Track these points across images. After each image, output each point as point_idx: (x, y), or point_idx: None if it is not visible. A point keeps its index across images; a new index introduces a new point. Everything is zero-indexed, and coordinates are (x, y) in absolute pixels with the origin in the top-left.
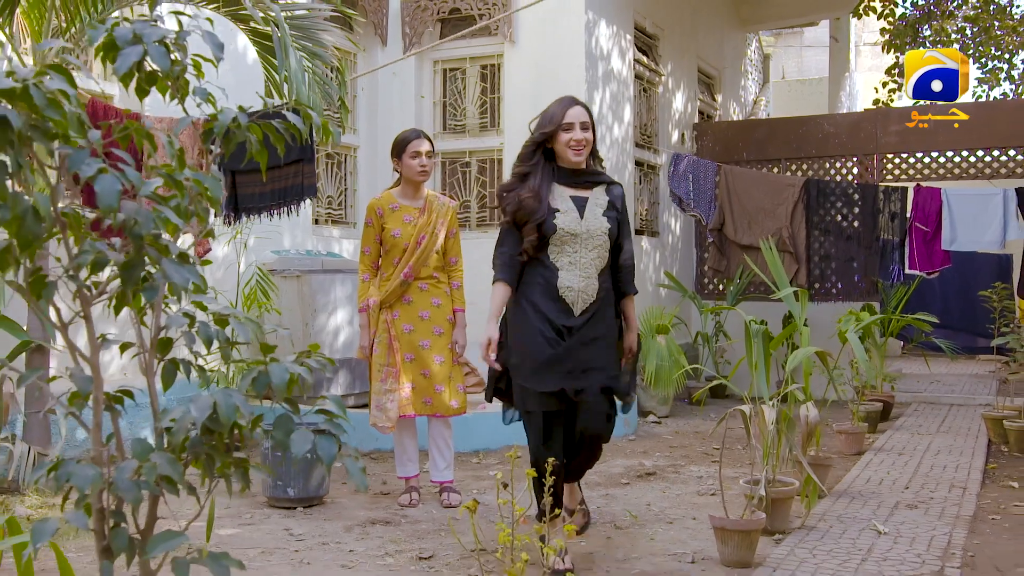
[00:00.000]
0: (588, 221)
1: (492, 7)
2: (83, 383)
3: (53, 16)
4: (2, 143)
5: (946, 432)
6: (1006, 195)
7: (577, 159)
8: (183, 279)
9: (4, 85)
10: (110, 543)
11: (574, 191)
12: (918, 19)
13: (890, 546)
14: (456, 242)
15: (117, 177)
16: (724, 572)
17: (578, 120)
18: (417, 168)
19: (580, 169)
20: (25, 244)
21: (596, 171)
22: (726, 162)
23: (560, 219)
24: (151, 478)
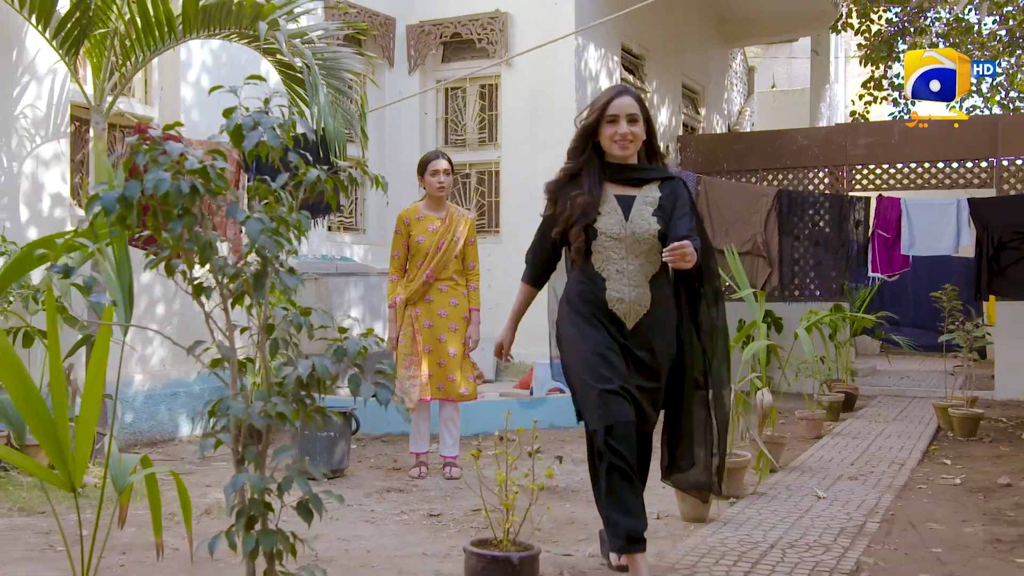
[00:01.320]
0: (634, 223)
1: (490, 32)
2: (227, 352)
3: (111, 54)
4: (193, 201)
5: (902, 420)
6: (959, 204)
7: (622, 153)
8: (292, 284)
9: (192, 166)
10: (243, 456)
11: (621, 189)
12: (893, 35)
13: (826, 507)
14: (474, 249)
15: (259, 219)
16: (683, 525)
17: (624, 112)
18: (436, 185)
19: (631, 164)
20: (204, 262)
21: (648, 167)
22: (708, 172)
23: (602, 222)
24: (272, 413)
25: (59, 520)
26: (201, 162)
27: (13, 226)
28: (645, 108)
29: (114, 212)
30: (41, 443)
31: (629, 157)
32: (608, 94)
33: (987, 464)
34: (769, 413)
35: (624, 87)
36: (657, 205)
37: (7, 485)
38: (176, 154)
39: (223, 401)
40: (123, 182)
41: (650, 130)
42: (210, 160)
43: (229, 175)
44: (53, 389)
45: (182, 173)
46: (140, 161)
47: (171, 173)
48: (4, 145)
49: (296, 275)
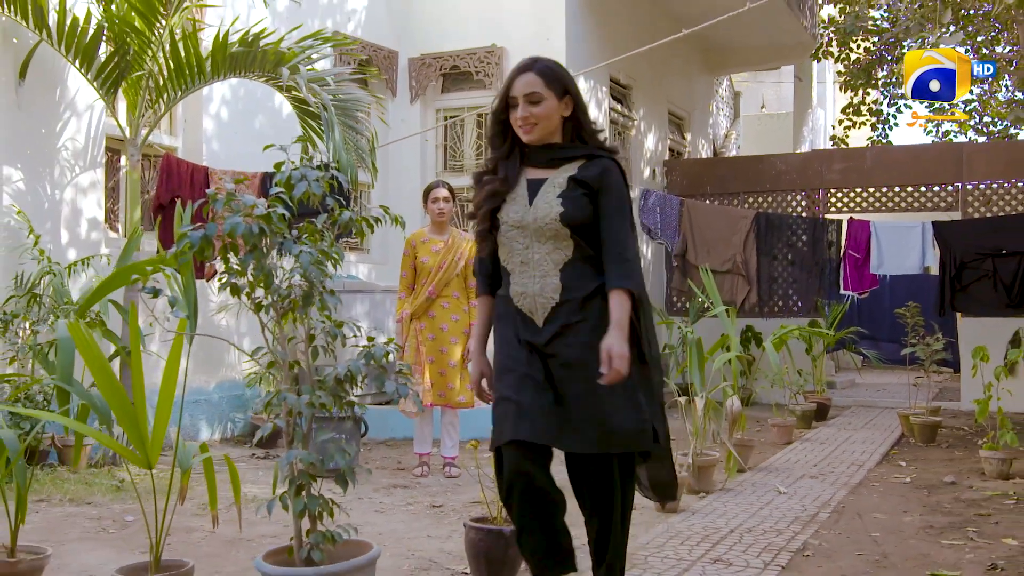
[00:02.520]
0: (536, 208)
1: (487, 65)
2: (281, 355)
3: (146, 93)
4: (260, 240)
5: (869, 428)
6: (924, 227)
7: (527, 138)
8: (333, 303)
9: (259, 212)
10: (293, 437)
11: (536, 172)
12: (871, 63)
13: (785, 501)
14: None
15: (310, 252)
16: (656, 515)
17: (521, 94)
18: (436, 211)
19: (549, 145)
20: (267, 287)
21: (570, 146)
22: (693, 195)
23: (505, 210)
24: (317, 403)
25: (141, 502)
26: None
27: (55, 248)
28: (559, 81)
29: (197, 246)
30: (125, 429)
31: (537, 141)
32: (512, 74)
33: (939, 466)
34: (738, 418)
35: (527, 63)
36: (566, 186)
37: (56, 479)
38: (249, 203)
39: (280, 393)
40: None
41: (576, 105)
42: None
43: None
44: (135, 387)
45: (251, 217)
46: (218, 207)
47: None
48: (48, 175)
49: (336, 295)
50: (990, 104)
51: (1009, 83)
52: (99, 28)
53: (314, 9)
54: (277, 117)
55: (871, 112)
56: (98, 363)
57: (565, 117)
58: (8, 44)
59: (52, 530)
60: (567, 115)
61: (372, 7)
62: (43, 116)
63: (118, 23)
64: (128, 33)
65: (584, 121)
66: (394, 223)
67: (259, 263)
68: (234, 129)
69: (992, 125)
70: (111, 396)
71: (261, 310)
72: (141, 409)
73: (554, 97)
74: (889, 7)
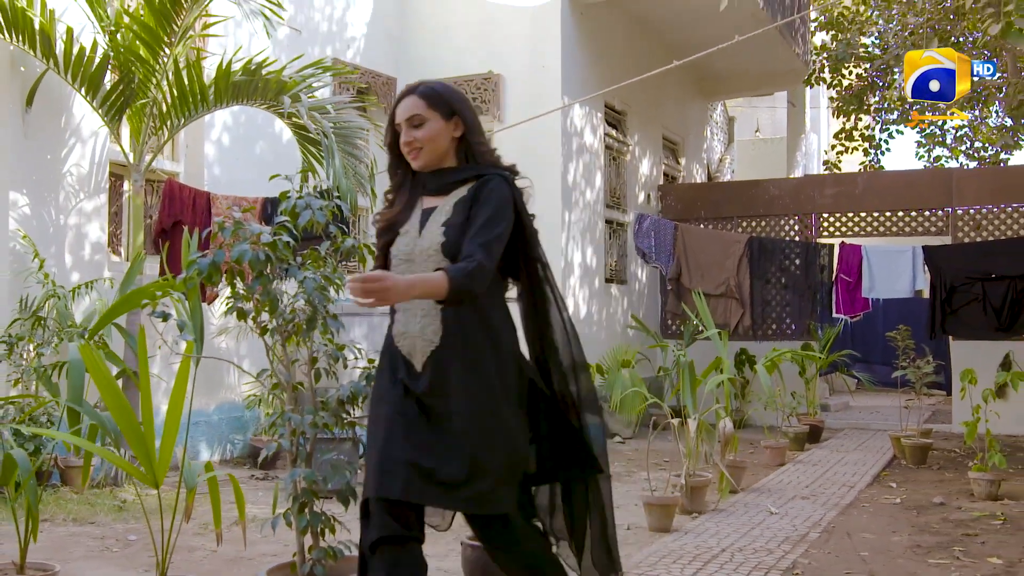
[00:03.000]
0: (424, 238)
1: (484, 92)
2: (285, 377)
3: (150, 120)
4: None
5: (862, 450)
6: (914, 251)
7: (415, 165)
8: (335, 326)
9: (266, 240)
10: (296, 456)
11: (430, 201)
12: (863, 88)
13: (776, 521)
14: None
15: (314, 278)
16: (649, 535)
17: (403, 119)
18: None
19: (443, 169)
20: (272, 311)
21: (463, 168)
22: (687, 219)
23: (397, 243)
24: (320, 424)
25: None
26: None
27: (59, 271)
28: (443, 101)
29: (205, 272)
30: (134, 449)
31: (426, 166)
32: (396, 101)
33: (929, 487)
34: (731, 440)
35: (411, 86)
36: (451, 213)
37: (59, 499)
38: (256, 231)
39: (284, 414)
40: (195, 248)
41: (466, 125)
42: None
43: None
44: (143, 408)
45: (258, 245)
46: (226, 236)
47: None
48: (53, 200)
49: (338, 319)
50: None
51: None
52: (105, 57)
53: (314, 37)
54: (277, 143)
55: (863, 137)
56: (108, 384)
57: (456, 138)
58: (16, 72)
59: (57, 549)
60: (457, 136)
61: (371, 34)
62: (49, 143)
63: (123, 52)
64: (133, 62)
65: (475, 140)
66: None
67: (265, 288)
68: (235, 155)
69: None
70: (120, 417)
71: (266, 333)
72: (149, 429)
73: (439, 118)
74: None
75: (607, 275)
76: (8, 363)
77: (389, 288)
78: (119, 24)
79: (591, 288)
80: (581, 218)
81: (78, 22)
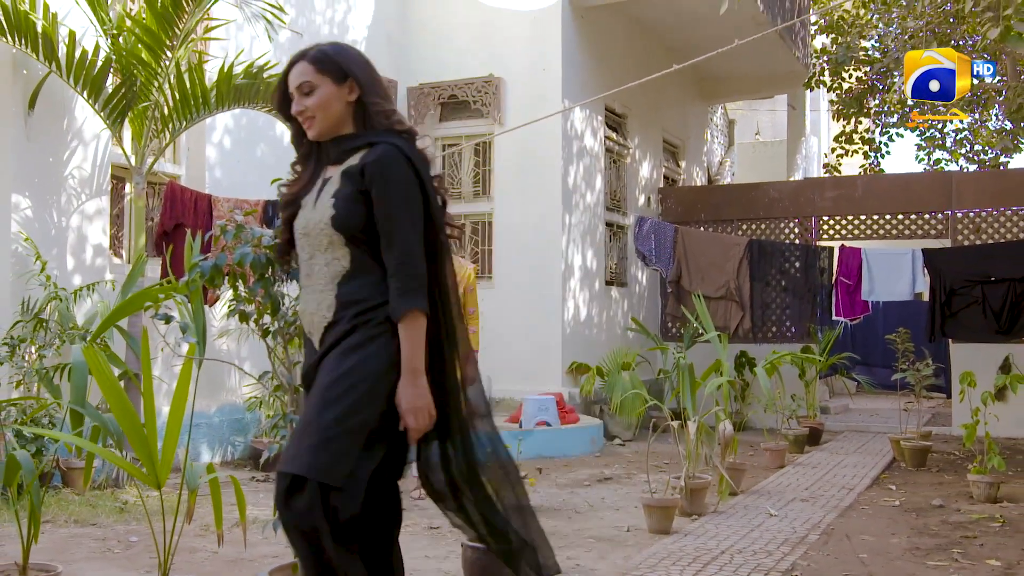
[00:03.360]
0: (316, 211)
1: (484, 95)
2: (287, 379)
3: (152, 123)
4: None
5: (861, 453)
6: (914, 254)
7: (310, 133)
8: None
9: (268, 243)
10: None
11: (329, 171)
12: (862, 92)
13: (775, 523)
14: (473, 296)
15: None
16: (649, 537)
17: (293, 87)
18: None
19: (340, 137)
20: (274, 313)
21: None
22: (686, 222)
23: (299, 216)
24: None
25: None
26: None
27: (61, 274)
28: (335, 65)
29: (207, 275)
30: (136, 450)
31: (322, 135)
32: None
33: (928, 489)
34: (731, 442)
35: (299, 53)
36: (340, 184)
37: (61, 501)
38: (257, 234)
39: (287, 415)
40: (198, 251)
41: (361, 87)
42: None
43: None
44: (146, 410)
45: (260, 248)
46: (227, 239)
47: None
48: (55, 202)
49: None
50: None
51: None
52: (107, 60)
53: (315, 40)
54: (278, 146)
55: (863, 140)
56: (111, 386)
57: (352, 102)
58: (18, 75)
59: (59, 550)
60: (352, 100)
61: (372, 37)
62: (51, 145)
63: (125, 55)
64: (135, 65)
65: (370, 102)
66: None
67: (267, 291)
68: (236, 157)
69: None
70: (123, 418)
71: (268, 336)
72: (151, 431)
73: (330, 83)
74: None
75: (607, 278)
76: (10, 365)
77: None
78: (121, 27)
79: (591, 290)
80: (581, 221)
81: (80, 25)
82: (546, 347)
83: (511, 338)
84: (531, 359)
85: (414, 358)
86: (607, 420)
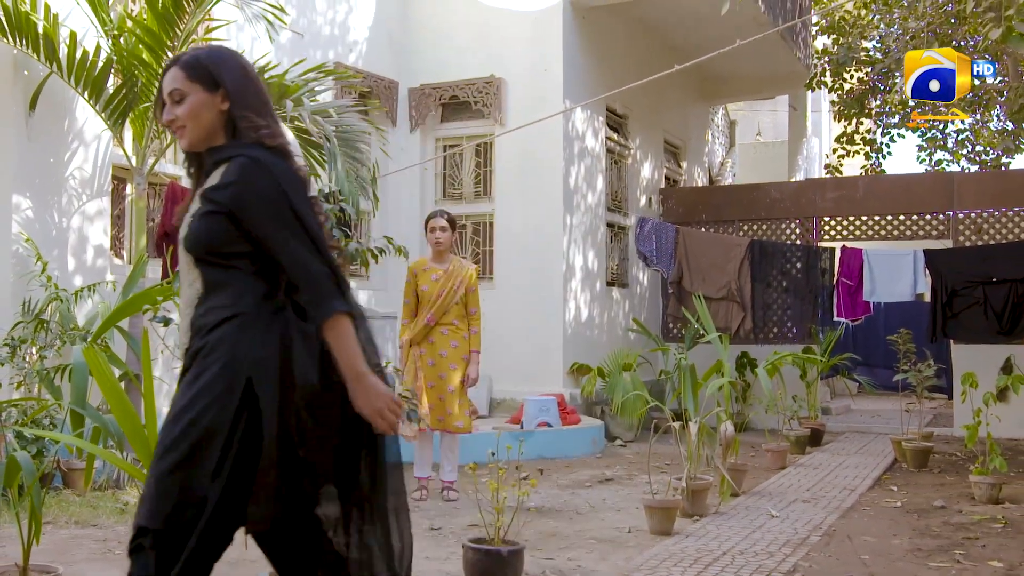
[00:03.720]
0: (182, 229)
1: (486, 95)
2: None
3: (153, 124)
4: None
5: (862, 454)
6: (916, 255)
7: (181, 144)
8: None
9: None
10: None
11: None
12: (864, 92)
13: (777, 524)
14: (475, 296)
15: None
16: (650, 538)
17: (166, 92)
18: (433, 240)
19: (212, 148)
20: None
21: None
22: (688, 223)
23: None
24: None
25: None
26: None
27: (61, 275)
28: (206, 71)
29: None
30: (137, 451)
31: (193, 146)
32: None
33: (930, 491)
34: (732, 443)
35: (173, 58)
36: (198, 203)
37: (61, 502)
38: None
39: None
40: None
41: (230, 96)
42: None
43: None
44: (147, 411)
45: None
46: None
47: None
48: (56, 203)
49: None
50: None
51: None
52: (108, 61)
53: (316, 40)
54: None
55: (865, 141)
56: (112, 387)
57: (224, 111)
58: (19, 76)
59: (60, 552)
60: (225, 109)
61: (373, 38)
62: (52, 146)
63: (126, 56)
64: (136, 66)
65: (239, 114)
66: (397, 253)
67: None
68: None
69: (984, 154)
70: (124, 419)
71: None
72: (152, 431)
73: (201, 91)
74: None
75: (608, 278)
76: (11, 366)
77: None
78: (122, 28)
79: (592, 291)
80: (583, 222)
81: (81, 26)
82: (547, 348)
83: (512, 339)
84: (532, 360)
85: (352, 363)
86: (608, 421)
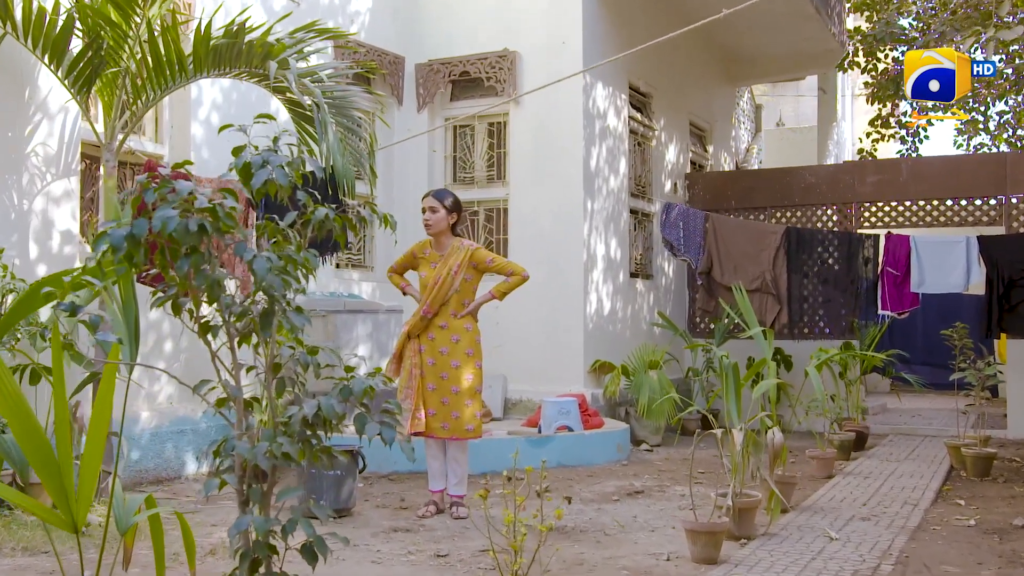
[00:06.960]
0: None
1: (499, 71)
2: (233, 391)
3: (123, 93)
4: (201, 239)
5: (914, 460)
6: (969, 242)
7: None
8: (299, 322)
9: (202, 204)
10: (248, 497)
11: None
12: (899, 73)
13: (838, 549)
14: (498, 261)
15: (267, 258)
16: (693, 567)
17: None
18: (423, 222)
19: None
20: (211, 300)
21: None
22: (715, 210)
23: None
24: (278, 453)
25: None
26: (210, 201)
27: (22, 263)
28: None
29: (122, 250)
30: (44, 482)
31: None
32: None
33: (1001, 505)
34: (780, 452)
35: None
36: None
37: (11, 524)
38: (185, 192)
39: (228, 441)
40: (131, 220)
41: None
42: (220, 198)
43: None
44: (57, 428)
45: (191, 212)
46: (149, 199)
47: (179, 211)
48: (15, 183)
49: (303, 314)
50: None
51: None
52: (69, 19)
53: (314, 10)
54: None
55: (900, 124)
56: (10, 398)
57: None
58: None
59: None
60: None
61: (376, 10)
62: (10, 118)
63: (90, 14)
64: (102, 25)
65: None
66: (383, 224)
67: (198, 270)
68: (227, 136)
69: None
70: (26, 440)
71: (208, 332)
72: (65, 458)
73: None
74: (919, 15)
75: (632, 269)
76: None
77: None
78: None
79: (615, 283)
80: (604, 207)
81: None
82: (566, 344)
83: (528, 335)
84: (550, 358)
85: None
86: (633, 423)
